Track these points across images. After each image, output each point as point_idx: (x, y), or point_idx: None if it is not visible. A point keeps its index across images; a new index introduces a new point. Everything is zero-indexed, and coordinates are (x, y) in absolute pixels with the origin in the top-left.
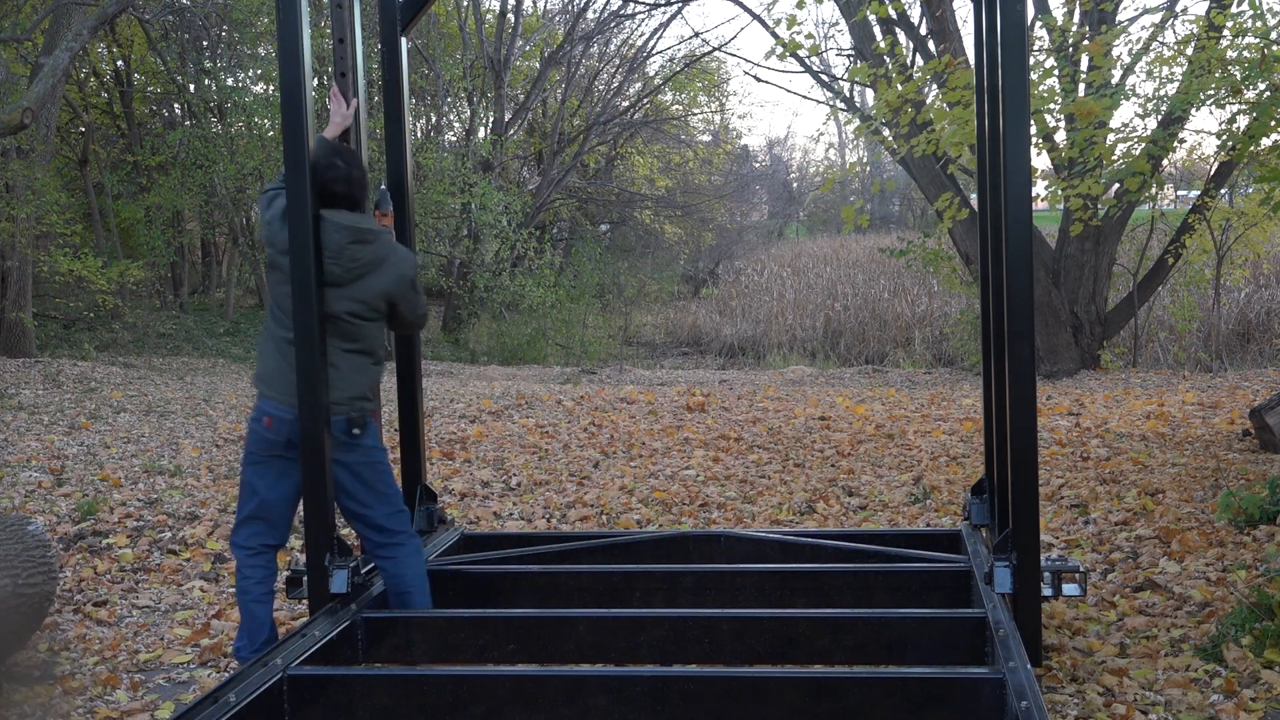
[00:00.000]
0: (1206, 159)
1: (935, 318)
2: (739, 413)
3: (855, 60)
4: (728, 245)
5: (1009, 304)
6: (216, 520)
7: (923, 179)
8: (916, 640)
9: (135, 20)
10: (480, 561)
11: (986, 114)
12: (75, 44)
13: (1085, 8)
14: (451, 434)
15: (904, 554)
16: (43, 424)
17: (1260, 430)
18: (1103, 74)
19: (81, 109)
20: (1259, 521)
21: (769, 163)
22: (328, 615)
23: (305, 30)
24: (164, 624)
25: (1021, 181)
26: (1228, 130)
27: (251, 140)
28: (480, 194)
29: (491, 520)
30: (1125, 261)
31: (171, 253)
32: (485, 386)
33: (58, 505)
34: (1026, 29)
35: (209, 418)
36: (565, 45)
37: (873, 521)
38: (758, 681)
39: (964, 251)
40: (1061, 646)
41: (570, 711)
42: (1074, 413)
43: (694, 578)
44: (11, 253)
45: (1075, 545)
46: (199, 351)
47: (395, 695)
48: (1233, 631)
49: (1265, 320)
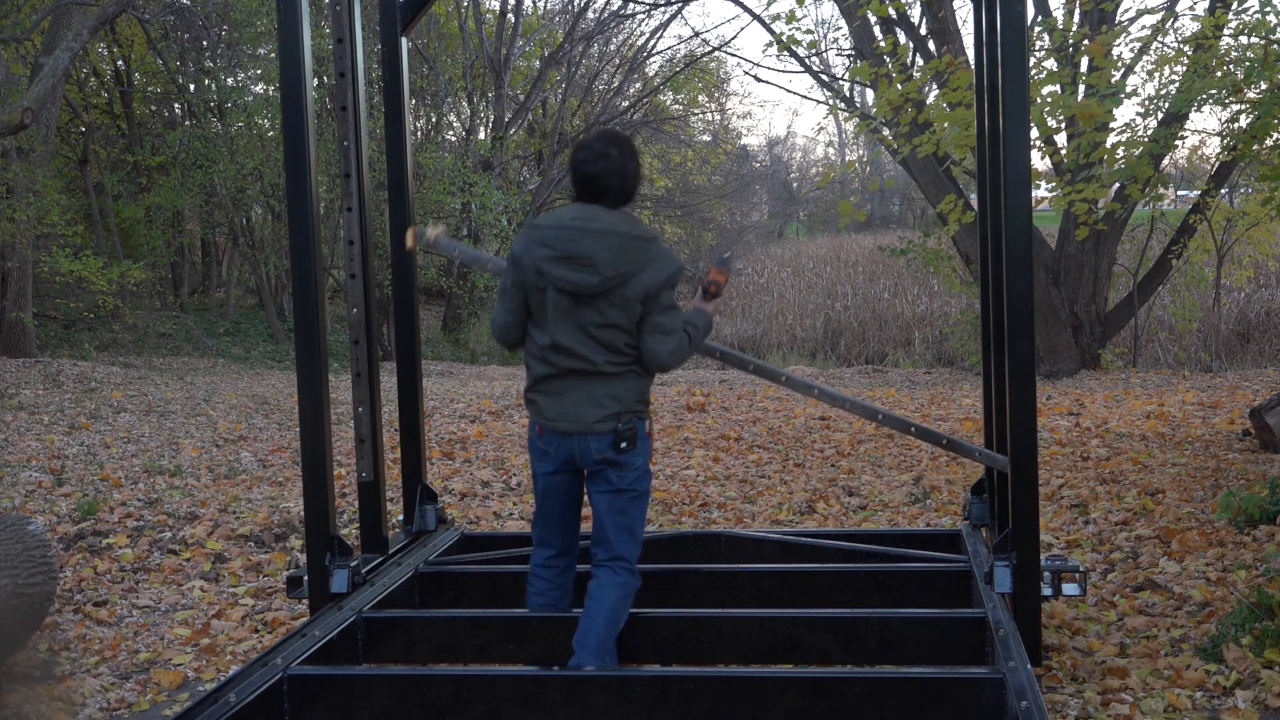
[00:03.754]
0: (1207, 159)
1: (935, 318)
2: (739, 413)
3: (855, 60)
4: (728, 245)
5: (1009, 304)
6: (216, 520)
7: (923, 179)
8: (916, 640)
9: (135, 20)
10: (480, 561)
11: (986, 114)
12: (75, 44)
13: (1085, 8)
14: (451, 434)
15: (904, 554)
16: (43, 424)
17: (1260, 430)
18: (1104, 76)
19: (81, 109)
20: (1259, 521)
21: (769, 163)
22: (328, 615)
23: (305, 30)
24: (164, 624)
25: (1021, 181)
26: (1229, 130)
27: (251, 140)
28: (480, 194)
29: (491, 520)
30: (1125, 261)
31: (171, 253)
32: (485, 386)
33: (58, 505)
34: (1026, 29)
35: (209, 418)
36: (565, 45)
37: (873, 521)
38: (758, 681)
39: (964, 251)
40: (1061, 646)
41: (570, 711)
42: (1074, 413)
43: (694, 578)
44: (12, 253)
45: (1075, 545)
46: (199, 351)
47: (395, 695)
48: (1233, 631)
49: (1265, 320)
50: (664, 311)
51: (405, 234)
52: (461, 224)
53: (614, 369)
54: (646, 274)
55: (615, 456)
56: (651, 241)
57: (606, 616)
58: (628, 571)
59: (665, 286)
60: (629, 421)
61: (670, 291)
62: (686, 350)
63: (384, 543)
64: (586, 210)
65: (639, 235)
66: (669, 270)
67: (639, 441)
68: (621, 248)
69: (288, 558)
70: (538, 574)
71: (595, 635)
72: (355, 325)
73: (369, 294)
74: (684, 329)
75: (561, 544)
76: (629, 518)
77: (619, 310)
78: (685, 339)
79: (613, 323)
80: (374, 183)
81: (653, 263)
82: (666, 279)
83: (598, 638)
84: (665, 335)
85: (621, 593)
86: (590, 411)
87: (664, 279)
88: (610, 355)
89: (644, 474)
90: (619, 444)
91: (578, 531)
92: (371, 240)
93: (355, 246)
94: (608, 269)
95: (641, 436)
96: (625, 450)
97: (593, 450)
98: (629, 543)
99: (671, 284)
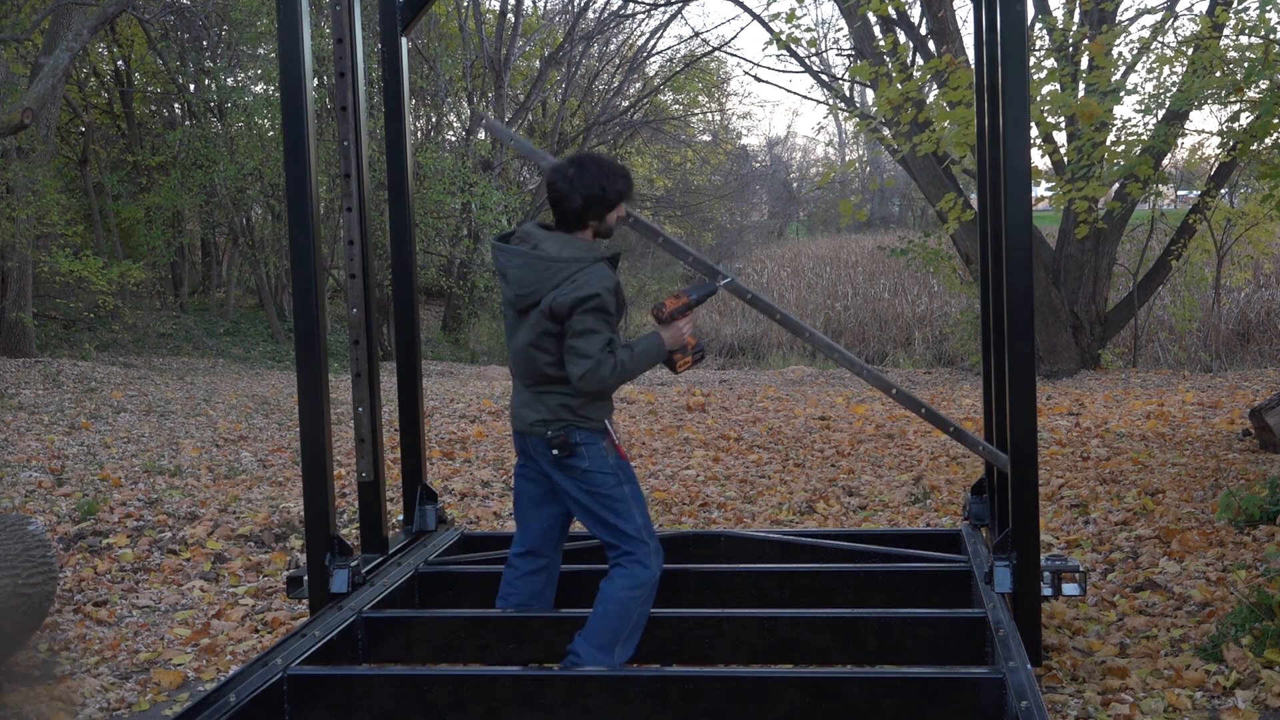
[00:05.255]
0: (1207, 159)
1: (935, 318)
2: (739, 413)
3: (855, 60)
4: (728, 245)
5: (1009, 304)
6: (216, 520)
7: (923, 179)
8: (916, 640)
9: (135, 20)
10: (480, 561)
11: (986, 113)
12: (75, 44)
13: (1085, 7)
14: (451, 434)
15: (904, 554)
16: (43, 424)
17: (1260, 430)
18: (1105, 75)
19: (81, 109)
20: (1259, 521)
21: (769, 163)
22: (328, 615)
23: (305, 30)
24: (164, 624)
25: (1021, 181)
26: (1229, 129)
27: (251, 140)
28: (480, 194)
29: (491, 520)
30: (1125, 261)
31: (171, 253)
32: (485, 386)
33: (58, 505)
34: (1026, 29)
35: (209, 418)
36: (565, 45)
37: (873, 521)
38: (758, 681)
39: (964, 251)
40: (1061, 646)
41: (570, 711)
42: (1074, 413)
43: (694, 578)
44: (12, 253)
45: (1075, 545)
46: (199, 351)
47: (395, 695)
48: (1233, 631)
49: (1265, 320)
50: (577, 335)
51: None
52: (461, 224)
53: (541, 380)
54: (555, 294)
55: (561, 460)
56: (570, 264)
57: (605, 605)
58: (632, 563)
59: (576, 310)
60: (559, 430)
61: (588, 316)
62: (606, 375)
63: (384, 543)
64: (526, 229)
65: (557, 257)
66: (577, 295)
67: (580, 448)
68: (530, 266)
69: (288, 558)
70: (507, 567)
71: (592, 622)
72: (355, 325)
73: (369, 294)
74: (609, 354)
75: (528, 542)
76: (605, 514)
77: (534, 327)
78: (605, 364)
79: (534, 338)
80: (374, 183)
81: (564, 283)
82: (574, 303)
83: (593, 625)
84: (578, 358)
85: (626, 583)
86: (527, 414)
87: (570, 302)
88: (535, 368)
89: (604, 475)
90: (552, 449)
91: (550, 537)
92: (371, 240)
93: (355, 246)
94: (517, 286)
95: (587, 443)
96: (562, 456)
97: (536, 451)
98: (616, 536)
99: (585, 309)
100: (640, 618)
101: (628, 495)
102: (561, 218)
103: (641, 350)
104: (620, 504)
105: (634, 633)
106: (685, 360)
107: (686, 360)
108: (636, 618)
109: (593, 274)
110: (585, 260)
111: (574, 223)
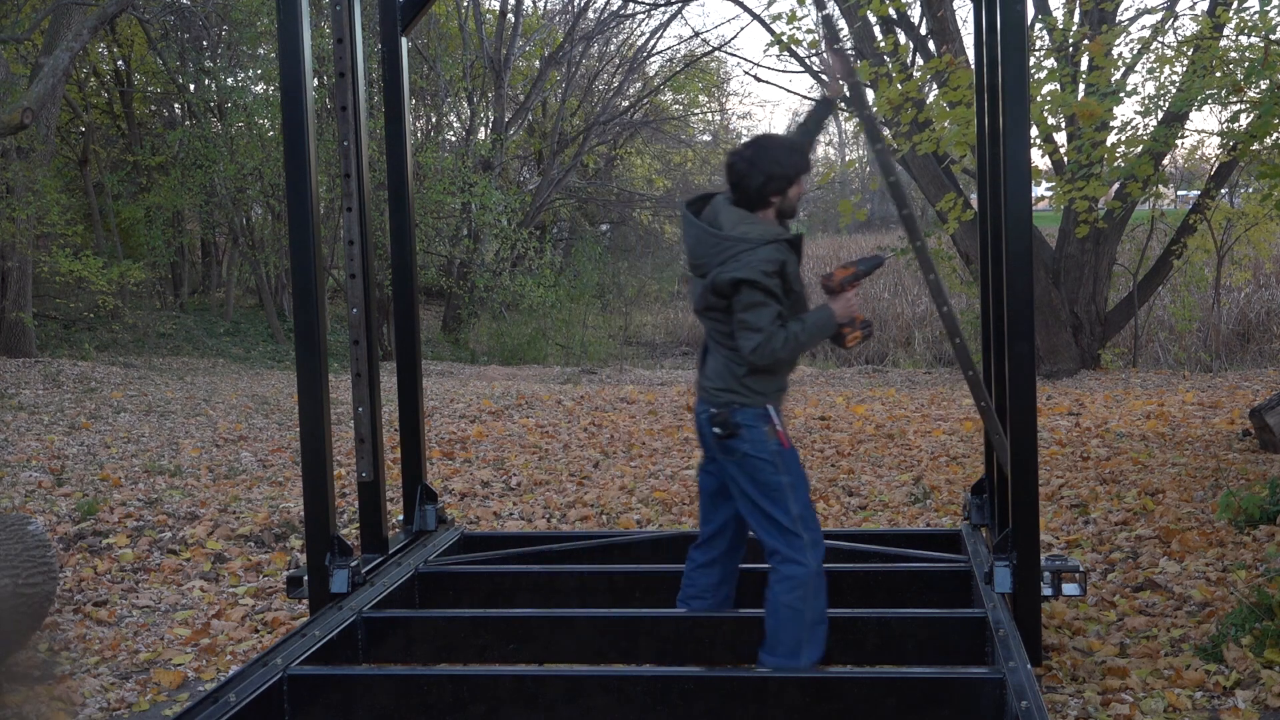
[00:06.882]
0: (1207, 159)
1: (935, 318)
2: None
3: (855, 60)
4: None
5: (1009, 304)
6: (216, 520)
7: (923, 179)
8: (916, 640)
9: (135, 20)
10: (480, 561)
11: (986, 113)
12: (75, 44)
13: (1085, 7)
14: (451, 434)
15: (904, 554)
16: (43, 424)
17: (1260, 430)
18: (1105, 75)
19: (81, 109)
20: (1259, 521)
21: None
22: (328, 615)
23: (305, 30)
24: (164, 624)
25: (1022, 181)
26: (1229, 130)
27: (251, 140)
28: (480, 194)
29: (491, 520)
30: (1125, 261)
31: (171, 253)
32: (485, 386)
33: (58, 505)
34: (1026, 29)
35: (209, 418)
36: (565, 45)
37: (873, 521)
38: (758, 681)
39: (964, 251)
40: (1061, 646)
41: (570, 711)
42: (1074, 413)
43: None
44: (12, 253)
45: (1075, 545)
46: (199, 351)
47: (395, 695)
48: (1233, 631)
49: (1265, 320)
50: (746, 309)
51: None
52: (461, 224)
53: (717, 350)
54: (719, 270)
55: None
56: (738, 243)
57: (773, 615)
58: (785, 562)
59: (741, 285)
60: (723, 402)
61: (753, 291)
62: (778, 349)
63: (384, 543)
64: (718, 201)
65: (729, 235)
66: (736, 275)
67: (741, 429)
68: (702, 240)
69: (288, 558)
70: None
71: (769, 633)
72: (355, 325)
73: (369, 294)
74: (779, 326)
75: (706, 534)
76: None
77: (704, 295)
78: (777, 337)
79: (705, 305)
80: (374, 183)
81: (729, 261)
82: (733, 282)
83: (770, 636)
84: (749, 331)
85: (785, 587)
86: (703, 381)
87: (729, 281)
88: (709, 333)
89: (762, 461)
90: (714, 427)
91: (725, 532)
92: (371, 240)
93: (355, 246)
94: (691, 256)
95: (748, 424)
96: (723, 437)
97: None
98: (771, 526)
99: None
100: (815, 614)
101: (784, 485)
102: (743, 197)
103: (813, 322)
104: (776, 492)
105: (813, 630)
106: (855, 334)
107: (856, 334)
108: (810, 616)
109: (758, 255)
110: (754, 241)
111: (755, 201)
